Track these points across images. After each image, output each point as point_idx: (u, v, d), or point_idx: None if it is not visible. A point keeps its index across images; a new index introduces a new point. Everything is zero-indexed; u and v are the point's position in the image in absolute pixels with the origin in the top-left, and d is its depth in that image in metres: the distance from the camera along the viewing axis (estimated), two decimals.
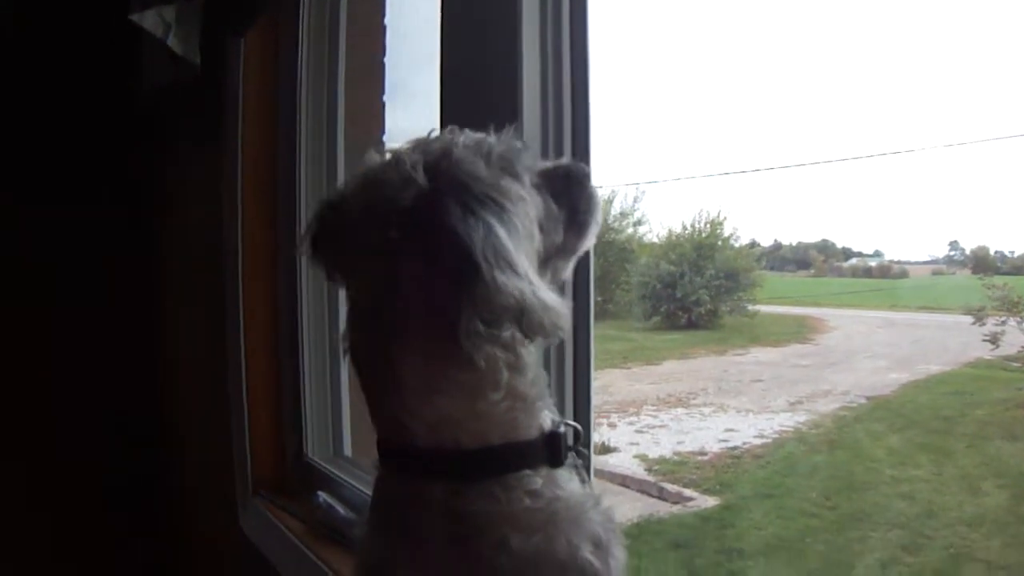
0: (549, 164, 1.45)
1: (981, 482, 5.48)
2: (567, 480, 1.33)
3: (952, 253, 5.96)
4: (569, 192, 1.41)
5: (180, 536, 4.68)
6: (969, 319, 5.72)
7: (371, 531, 1.39)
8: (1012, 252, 6.32)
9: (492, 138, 1.35)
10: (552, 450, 1.33)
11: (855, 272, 6.81)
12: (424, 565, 1.28)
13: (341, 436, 3.29)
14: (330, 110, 3.23)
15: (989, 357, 6.05)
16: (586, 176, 1.47)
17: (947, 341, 6.53)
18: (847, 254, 6.91)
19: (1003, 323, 5.67)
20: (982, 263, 6.22)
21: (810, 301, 7.55)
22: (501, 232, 1.19)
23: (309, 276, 3.23)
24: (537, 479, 1.29)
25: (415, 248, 1.22)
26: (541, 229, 1.34)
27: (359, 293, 1.36)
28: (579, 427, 1.44)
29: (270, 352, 3.35)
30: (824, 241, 7.08)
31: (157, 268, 4.80)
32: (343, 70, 3.23)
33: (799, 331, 7.57)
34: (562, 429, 1.36)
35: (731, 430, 6.56)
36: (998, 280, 5.79)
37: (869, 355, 7.01)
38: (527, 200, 1.30)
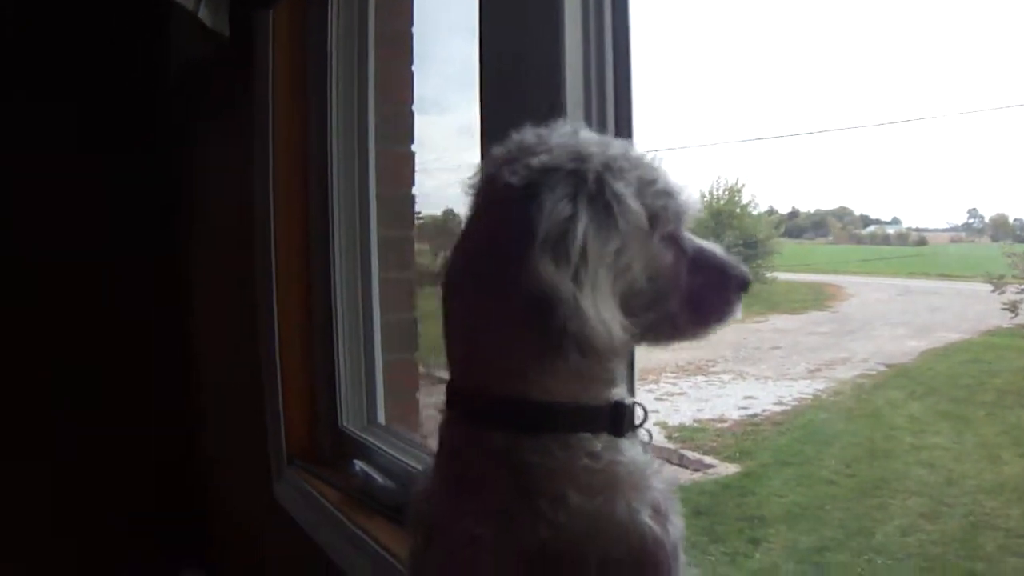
0: (709, 246, 1.43)
1: (1001, 451, 5.48)
2: (628, 447, 1.34)
3: (971, 220, 5.92)
4: (713, 284, 1.41)
5: (213, 509, 4.71)
6: (988, 287, 5.70)
7: (434, 477, 1.41)
8: None
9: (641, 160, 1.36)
10: (616, 418, 1.33)
11: (873, 239, 6.77)
12: (485, 514, 1.28)
13: (375, 404, 3.31)
14: (360, 80, 3.23)
15: (1008, 326, 6.02)
16: (745, 286, 1.44)
17: (966, 309, 6.51)
18: (865, 221, 6.86)
19: (1023, 291, 5.66)
20: (1001, 230, 6.20)
21: (828, 268, 7.52)
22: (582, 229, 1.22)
23: (342, 243, 3.23)
24: (597, 443, 1.29)
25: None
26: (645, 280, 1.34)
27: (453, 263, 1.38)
28: (645, 408, 1.43)
29: (304, 321, 3.37)
30: (842, 208, 7.03)
31: (184, 240, 4.81)
32: (372, 40, 3.22)
33: (817, 298, 7.54)
34: (628, 401, 1.37)
35: (750, 397, 6.54)
36: (1018, 248, 5.77)
37: (887, 323, 6.99)
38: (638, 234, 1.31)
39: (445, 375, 1.40)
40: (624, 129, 1.97)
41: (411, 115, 3.38)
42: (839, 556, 4.80)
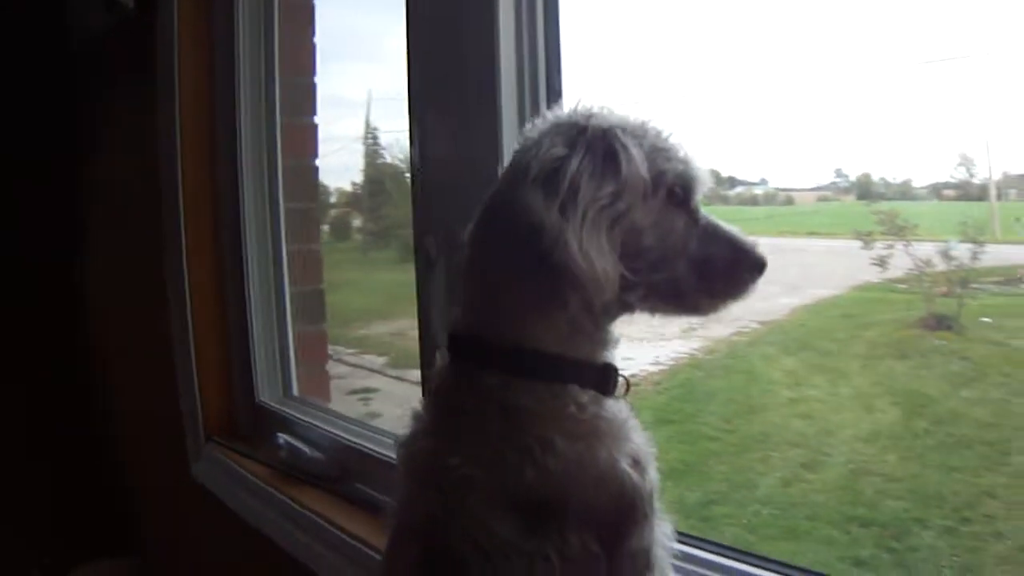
0: (725, 224, 1.48)
1: (875, 400, 5.64)
2: (612, 404, 1.42)
3: (837, 180, 6.07)
4: (725, 259, 1.46)
5: (132, 493, 4.63)
6: (856, 244, 5.85)
7: (424, 421, 1.47)
8: (895, 179, 6.48)
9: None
10: (604, 378, 1.43)
11: (741, 200, 6.90)
12: (477, 456, 1.35)
13: (290, 377, 3.30)
14: (267, 50, 3.21)
15: (877, 280, 6.19)
16: (762, 267, 1.50)
17: (835, 266, 6.65)
18: (732, 182, 6.99)
19: (890, 247, 5.81)
20: (866, 189, 6.37)
21: None
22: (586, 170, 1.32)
23: (252, 215, 3.20)
24: (584, 396, 1.38)
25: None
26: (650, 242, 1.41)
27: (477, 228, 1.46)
28: (629, 380, 1.51)
29: (216, 295, 3.34)
30: (709, 170, 7.15)
31: (80, 219, 4.71)
32: (278, 9, 3.19)
33: None
34: (618, 366, 1.46)
35: (627, 359, 6.60)
36: (885, 206, 5.93)
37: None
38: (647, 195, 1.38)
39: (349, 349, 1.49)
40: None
41: (314, 86, 3.36)
42: (725, 509, 4.89)
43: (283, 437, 2.95)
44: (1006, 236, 5.85)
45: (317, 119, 3.39)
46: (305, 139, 3.35)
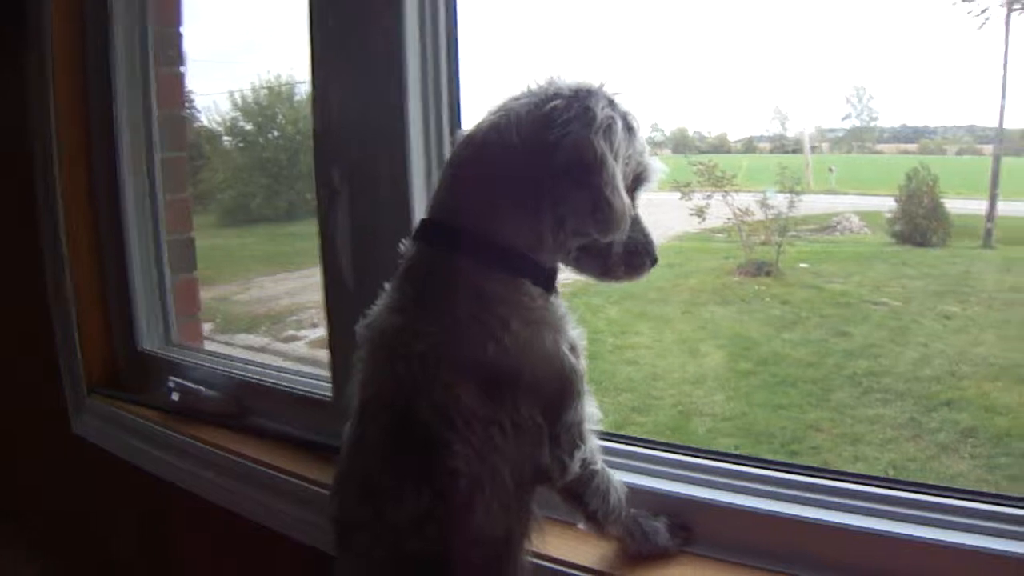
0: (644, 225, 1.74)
1: (700, 345, 5.87)
2: (555, 300, 1.66)
3: (653, 134, 6.24)
4: (641, 246, 1.72)
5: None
6: (675, 196, 6.05)
7: (393, 295, 1.64)
8: (710, 133, 6.73)
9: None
10: (550, 278, 1.66)
11: None
12: (444, 329, 1.55)
13: (169, 324, 3.30)
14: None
15: (696, 230, 6.42)
16: (656, 261, 1.76)
17: (655, 217, 6.83)
18: None
19: (709, 197, 6.04)
20: (682, 143, 6.59)
21: None
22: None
23: (130, 165, 3.20)
24: (535, 290, 1.62)
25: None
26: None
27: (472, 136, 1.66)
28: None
29: (93, 246, 3.30)
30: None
31: None
32: None
33: None
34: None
35: None
36: (703, 158, 6.14)
37: None
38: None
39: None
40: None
41: (180, 36, 3.36)
42: None
43: (174, 380, 2.97)
44: (819, 186, 6.14)
45: (184, 69, 3.38)
46: (175, 88, 3.34)
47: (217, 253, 6.94)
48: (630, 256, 1.70)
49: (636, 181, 1.66)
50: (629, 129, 1.60)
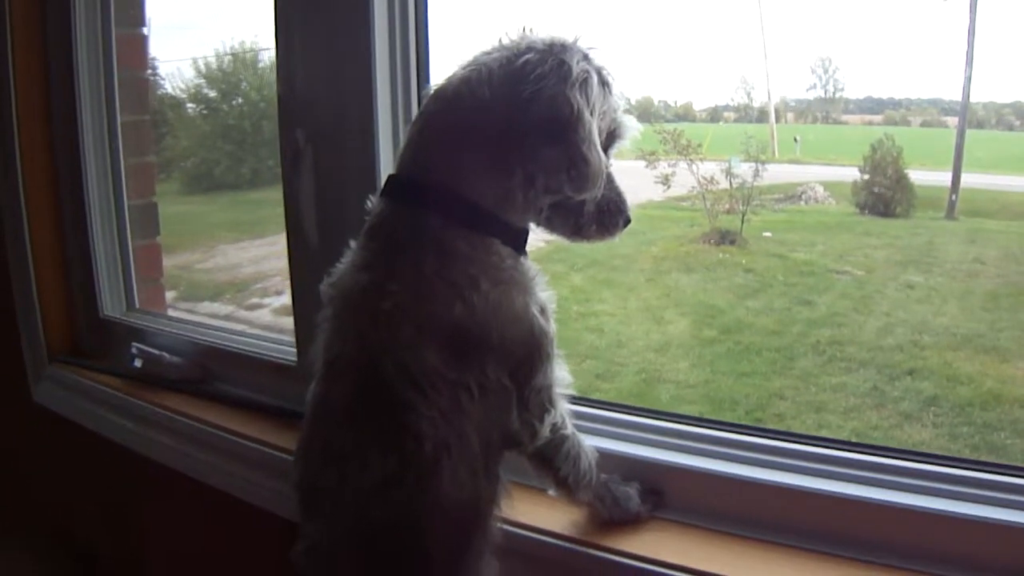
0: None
1: (663, 312, 5.89)
2: (525, 261, 1.64)
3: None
4: (614, 205, 1.72)
5: None
6: (640, 164, 6.05)
7: (359, 252, 1.62)
8: (675, 102, 6.72)
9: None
10: (520, 239, 1.64)
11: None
12: (410, 287, 1.52)
13: (132, 290, 3.27)
14: None
15: (661, 199, 6.43)
16: (628, 222, 1.74)
17: (620, 184, 6.84)
18: None
19: (674, 166, 6.04)
20: (647, 112, 6.58)
21: None
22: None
23: (91, 129, 3.15)
24: (505, 250, 1.58)
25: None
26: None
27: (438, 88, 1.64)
28: None
29: (53, 211, 3.25)
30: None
31: None
32: None
33: None
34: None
35: None
36: (668, 127, 6.14)
37: None
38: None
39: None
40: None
41: None
42: None
43: (137, 346, 2.94)
44: (784, 155, 6.17)
45: (146, 30, 3.34)
46: (136, 50, 3.29)
47: (180, 220, 6.89)
48: (602, 215, 1.69)
49: (610, 138, 1.64)
50: (604, 84, 1.58)
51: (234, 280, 7.17)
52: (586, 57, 1.56)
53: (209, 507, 2.61)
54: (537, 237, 1.71)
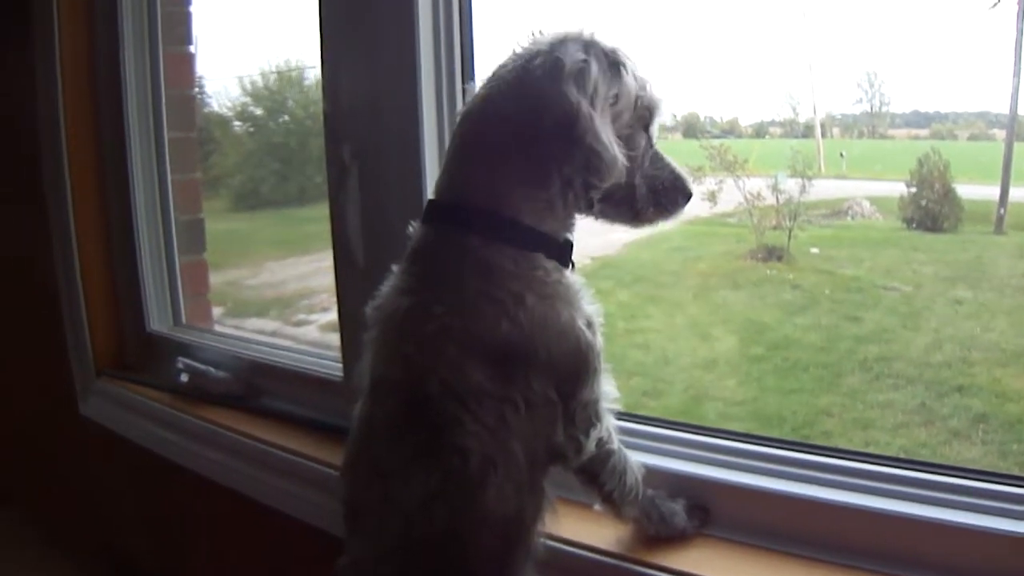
0: (668, 156, 1.71)
1: (711, 329, 5.83)
2: (569, 274, 1.62)
3: (663, 119, 6.21)
4: (669, 182, 1.69)
5: (2, 451, 4.50)
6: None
7: (401, 277, 1.61)
8: (721, 118, 6.68)
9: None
10: (564, 252, 1.62)
11: None
12: (455, 308, 1.51)
13: (179, 305, 3.30)
14: None
15: (707, 215, 6.38)
16: (691, 196, 1.73)
17: None
18: None
19: (721, 182, 6.00)
20: (692, 128, 6.54)
21: None
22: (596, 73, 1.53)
23: (138, 146, 3.18)
24: (549, 263, 1.58)
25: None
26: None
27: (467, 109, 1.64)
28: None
29: (102, 229, 3.30)
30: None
31: None
32: None
33: None
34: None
35: None
36: (715, 142, 6.09)
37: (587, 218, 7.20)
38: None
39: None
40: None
41: (189, 15, 3.35)
42: None
43: (183, 361, 2.97)
44: (830, 170, 6.10)
45: (193, 49, 3.37)
46: (183, 68, 3.33)
47: (228, 238, 6.93)
48: (657, 195, 1.67)
49: (643, 117, 1.63)
50: (614, 65, 1.56)
51: (281, 296, 7.19)
52: (587, 45, 1.55)
53: (252, 520, 2.63)
54: (583, 253, 1.70)
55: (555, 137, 1.51)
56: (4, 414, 4.42)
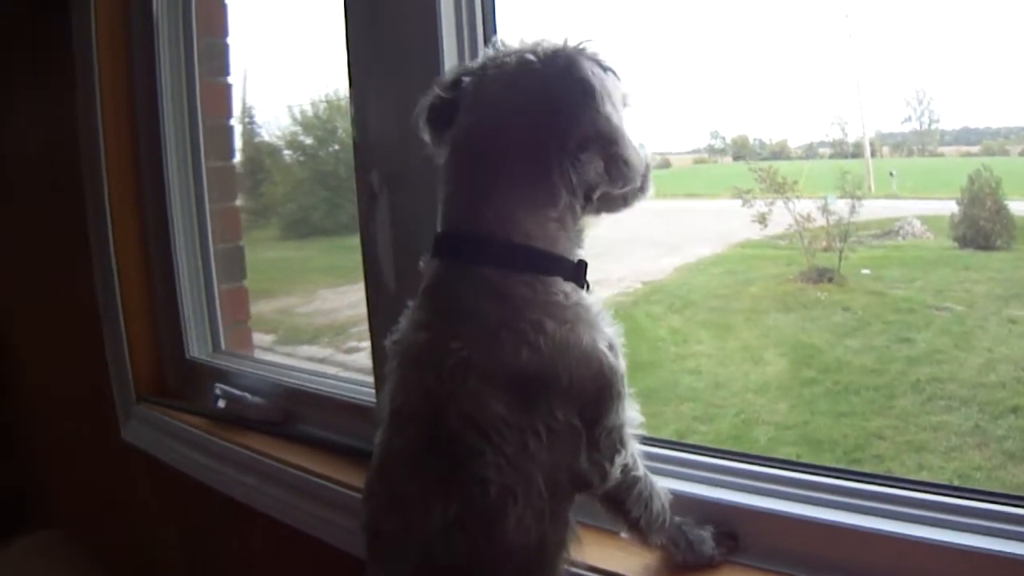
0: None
1: (762, 352, 5.78)
2: (587, 296, 1.60)
3: (713, 142, 6.19)
4: (646, 171, 1.68)
5: (46, 468, 4.56)
6: (736, 204, 5.97)
7: (419, 312, 1.60)
8: (770, 140, 6.64)
9: None
10: (579, 272, 1.61)
11: None
12: (474, 339, 1.49)
13: (218, 332, 3.33)
14: (185, 12, 3.21)
15: (758, 238, 6.33)
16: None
17: (716, 225, 6.74)
18: None
19: (771, 204, 5.96)
20: (742, 150, 6.51)
21: None
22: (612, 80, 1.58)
23: (175, 174, 3.21)
24: (567, 286, 1.56)
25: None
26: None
27: (459, 134, 1.61)
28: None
29: (142, 256, 3.34)
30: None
31: None
32: None
33: None
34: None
35: None
36: (764, 164, 6.06)
37: (639, 243, 7.14)
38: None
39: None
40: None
41: (227, 47, 3.39)
42: None
43: (220, 387, 2.98)
44: (880, 190, 6.03)
45: (231, 79, 3.41)
46: (221, 99, 3.37)
47: (279, 265, 6.98)
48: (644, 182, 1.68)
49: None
50: (608, 69, 1.59)
51: (332, 324, 7.22)
52: (595, 62, 1.57)
53: (287, 546, 2.63)
54: (636, 279, 1.72)
55: (581, 155, 1.53)
56: (48, 439, 4.48)
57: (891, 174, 6.20)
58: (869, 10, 5.05)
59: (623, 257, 7.12)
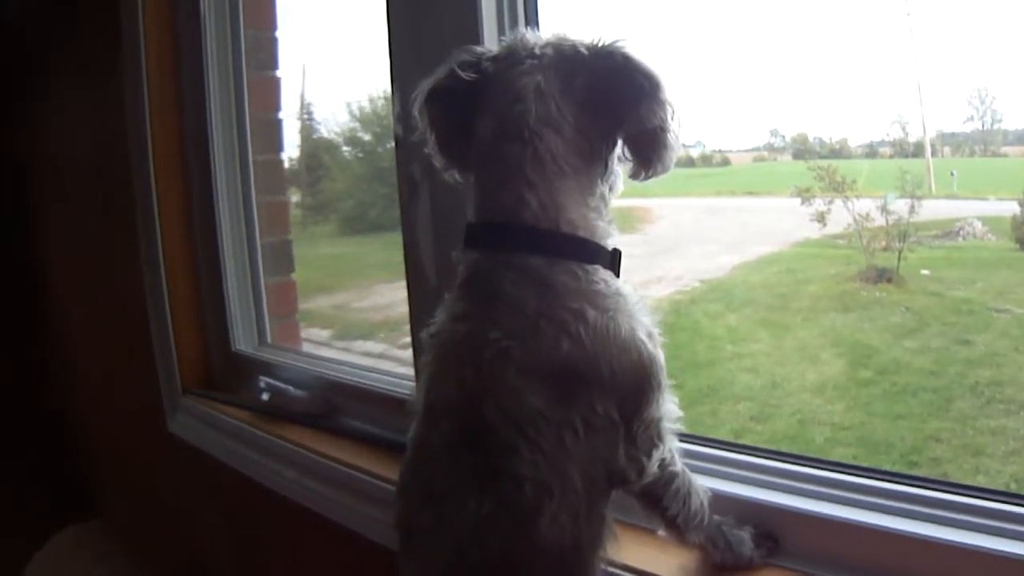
0: None
1: (820, 352, 5.72)
2: (624, 284, 1.59)
3: (773, 140, 6.14)
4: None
5: (95, 456, 4.60)
6: (795, 202, 5.92)
7: (456, 304, 1.58)
8: (831, 138, 6.58)
9: None
10: (615, 260, 1.62)
11: (678, 162, 6.90)
12: (513, 330, 1.47)
13: (264, 325, 3.33)
14: (232, 5, 3.21)
15: (817, 236, 6.27)
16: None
17: (775, 224, 6.69)
18: None
19: (830, 203, 5.89)
20: (802, 149, 6.45)
21: (635, 192, 7.66)
22: None
23: (222, 167, 3.22)
24: (606, 274, 1.57)
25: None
26: None
27: (499, 120, 1.58)
28: None
29: (189, 251, 3.36)
30: None
31: (26, 193, 4.65)
32: None
33: (627, 222, 7.58)
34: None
35: None
36: (823, 163, 6.00)
37: (698, 241, 7.10)
38: None
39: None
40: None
41: (275, 40, 3.39)
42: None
43: (264, 380, 2.99)
44: (941, 190, 5.96)
45: (279, 73, 3.41)
46: (269, 92, 3.37)
47: (337, 261, 7.01)
48: None
49: None
50: None
51: (387, 319, 7.24)
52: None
53: (328, 540, 2.64)
54: (694, 277, 1.73)
55: (634, 141, 1.60)
56: (96, 430, 4.52)
57: (952, 174, 6.12)
58: (931, 8, 4.98)
59: (683, 254, 7.09)
